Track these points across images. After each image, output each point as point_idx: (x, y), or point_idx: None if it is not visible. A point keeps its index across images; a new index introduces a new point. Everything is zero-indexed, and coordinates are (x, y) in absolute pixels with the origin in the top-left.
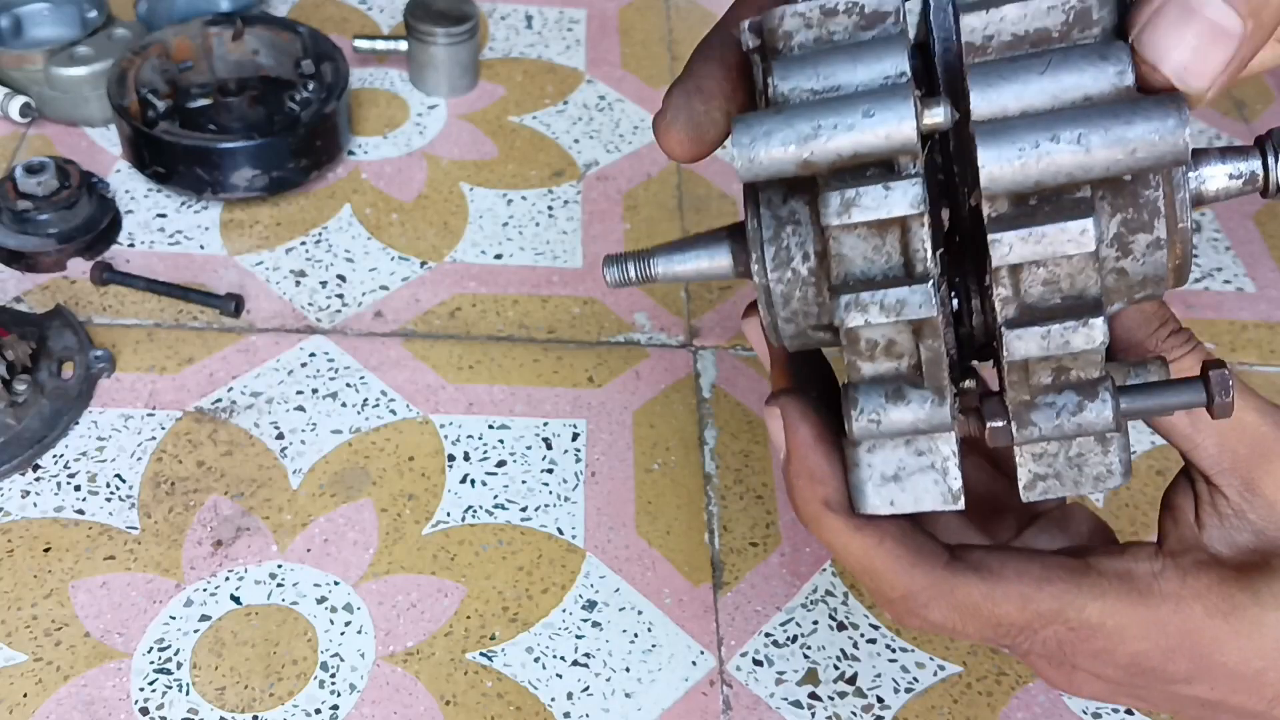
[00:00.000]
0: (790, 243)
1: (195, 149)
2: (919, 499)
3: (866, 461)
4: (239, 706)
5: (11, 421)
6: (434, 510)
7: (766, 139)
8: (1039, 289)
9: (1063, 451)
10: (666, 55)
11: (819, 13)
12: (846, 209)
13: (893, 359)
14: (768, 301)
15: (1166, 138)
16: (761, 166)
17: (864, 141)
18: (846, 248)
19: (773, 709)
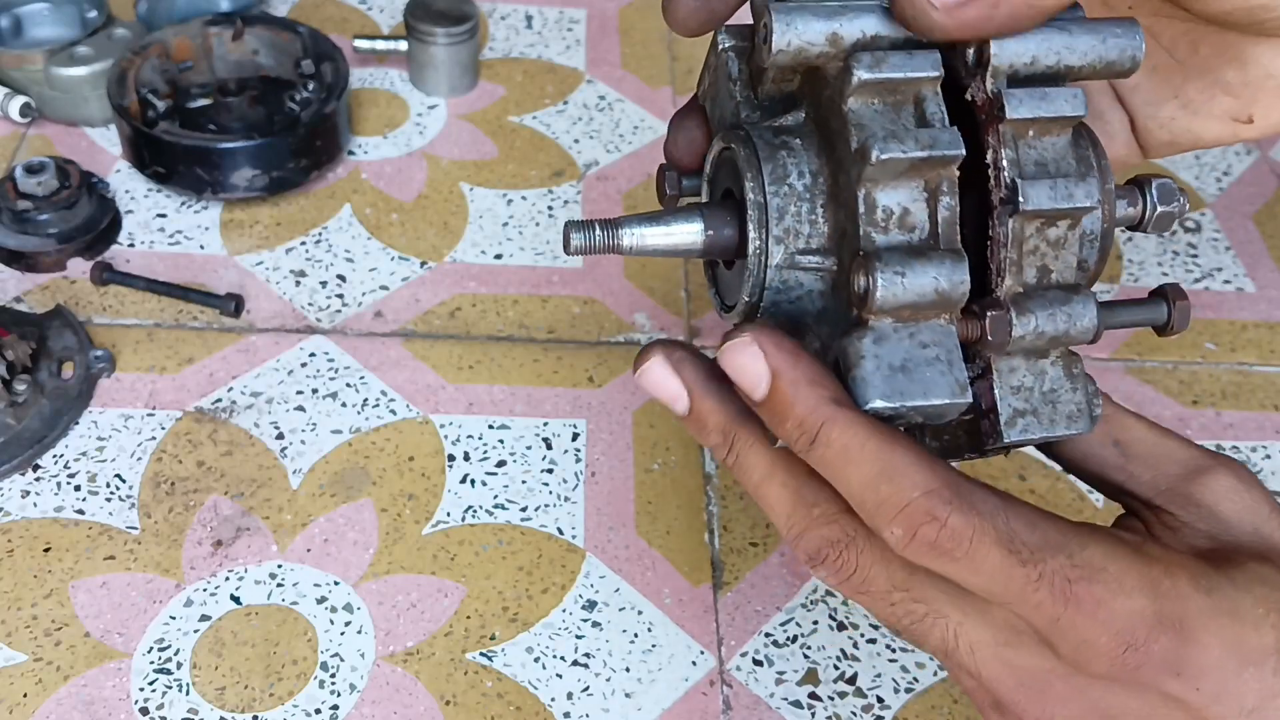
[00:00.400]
0: (786, 162)
1: (195, 149)
2: (928, 390)
3: (874, 353)
4: (239, 706)
5: (11, 421)
6: (434, 510)
7: (802, 11)
8: (1032, 167)
9: (1038, 386)
10: (666, 55)
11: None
12: (877, 64)
13: (906, 231)
14: (762, 220)
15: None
16: (797, 37)
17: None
18: (865, 117)
19: (773, 709)
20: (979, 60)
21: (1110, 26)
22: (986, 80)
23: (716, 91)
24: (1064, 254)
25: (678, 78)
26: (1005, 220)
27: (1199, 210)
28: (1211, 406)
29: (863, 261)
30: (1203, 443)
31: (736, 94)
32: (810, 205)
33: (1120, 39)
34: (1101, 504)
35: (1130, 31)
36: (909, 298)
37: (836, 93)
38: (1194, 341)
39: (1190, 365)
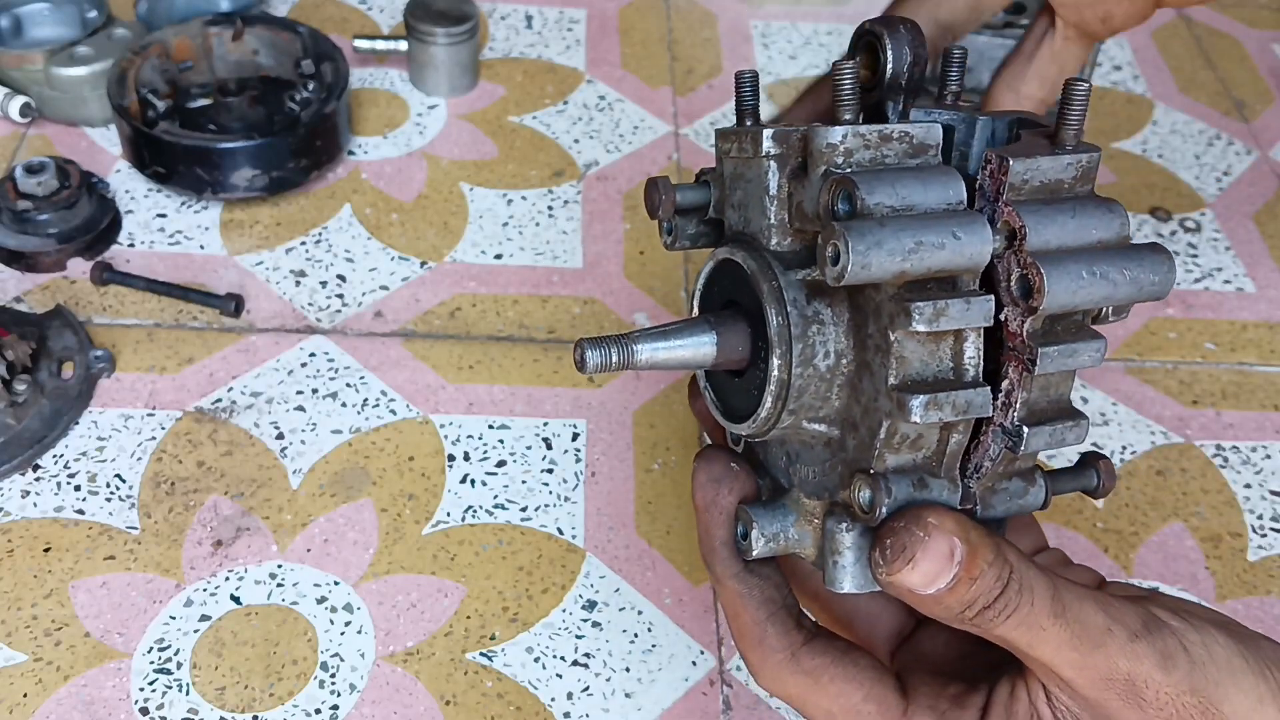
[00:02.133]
0: (815, 341)
1: (195, 149)
2: None
3: (856, 545)
4: (239, 706)
5: (11, 421)
6: (434, 510)
7: (878, 249)
8: (1038, 393)
9: None
10: (666, 55)
11: (877, 137)
12: (936, 317)
13: (914, 451)
14: (781, 395)
15: (1165, 278)
16: (869, 273)
17: (952, 261)
18: (908, 351)
19: (773, 709)
20: (1027, 298)
21: (1148, 267)
22: (1027, 322)
23: (743, 188)
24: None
25: (678, 78)
26: (999, 446)
27: (1199, 210)
28: (1211, 406)
29: (871, 481)
30: (1202, 443)
31: (770, 215)
32: (828, 385)
33: (1155, 284)
34: (1102, 504)
35: (1166, 269)
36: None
37: (886, 315)
38: (1194, 341)
39: (1190, 365)
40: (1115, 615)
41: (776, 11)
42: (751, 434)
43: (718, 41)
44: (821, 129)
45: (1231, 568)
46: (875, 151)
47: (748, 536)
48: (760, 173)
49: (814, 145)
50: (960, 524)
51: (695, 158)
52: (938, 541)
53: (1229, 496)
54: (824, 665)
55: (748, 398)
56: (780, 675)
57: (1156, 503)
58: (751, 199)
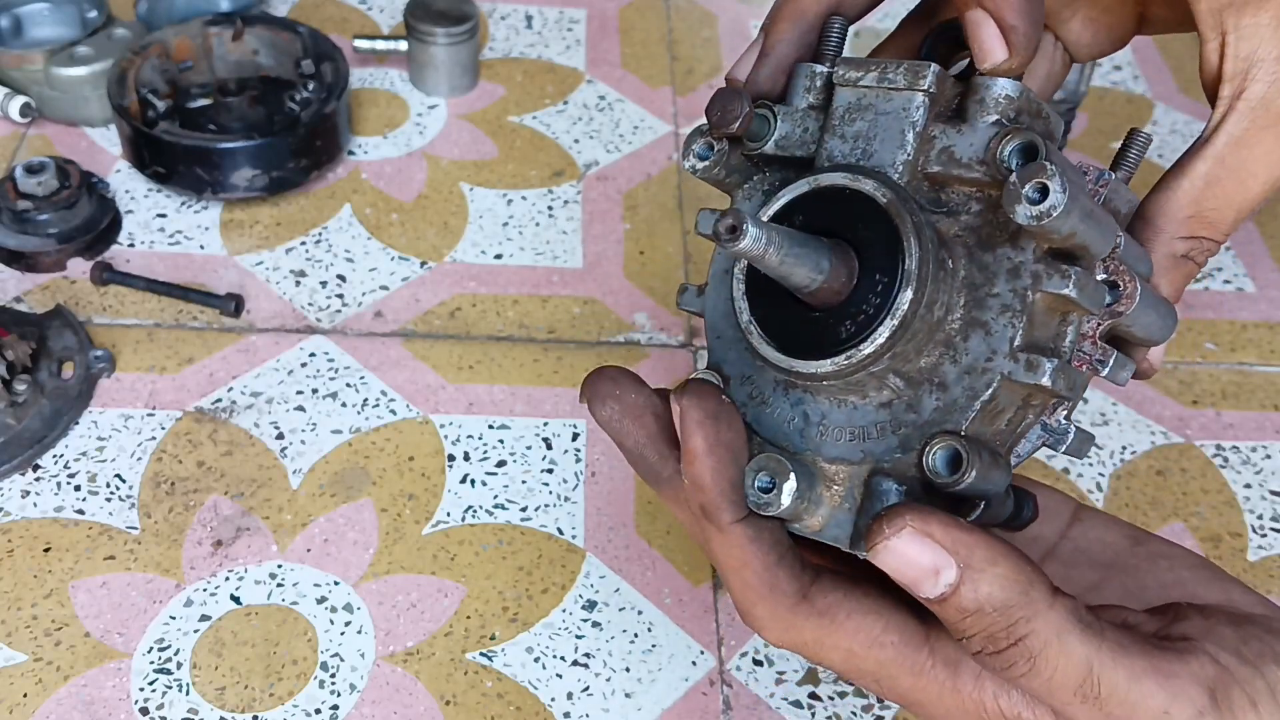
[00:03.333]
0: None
1: (195, 149)
2: None
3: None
4: (239, 706)
5: (11, 421)
6: (434, 510)
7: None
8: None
9: None
10: (666, 55)
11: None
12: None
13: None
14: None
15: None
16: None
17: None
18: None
19: (773, 709)
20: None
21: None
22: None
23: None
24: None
25: (678, 78)
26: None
27: None
28: (1211, 406)
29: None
30: (1202, 443)
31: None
32: (928, 339)
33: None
34: (1102, 504)
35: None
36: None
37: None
38: (1194, 341)
39: (1190, 365)
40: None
41: None
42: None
43: (718, 41)
44: (994, 80)
45: (1231, 568)
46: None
47: (773, 488)
48: (906, 105)
49: (987, 94)
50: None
51: None
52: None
53: (1229, 496)
54: (838, 601)
55: (832, 334)
56: (794, 621)
57: (1156, 503)
58: (883, 131)
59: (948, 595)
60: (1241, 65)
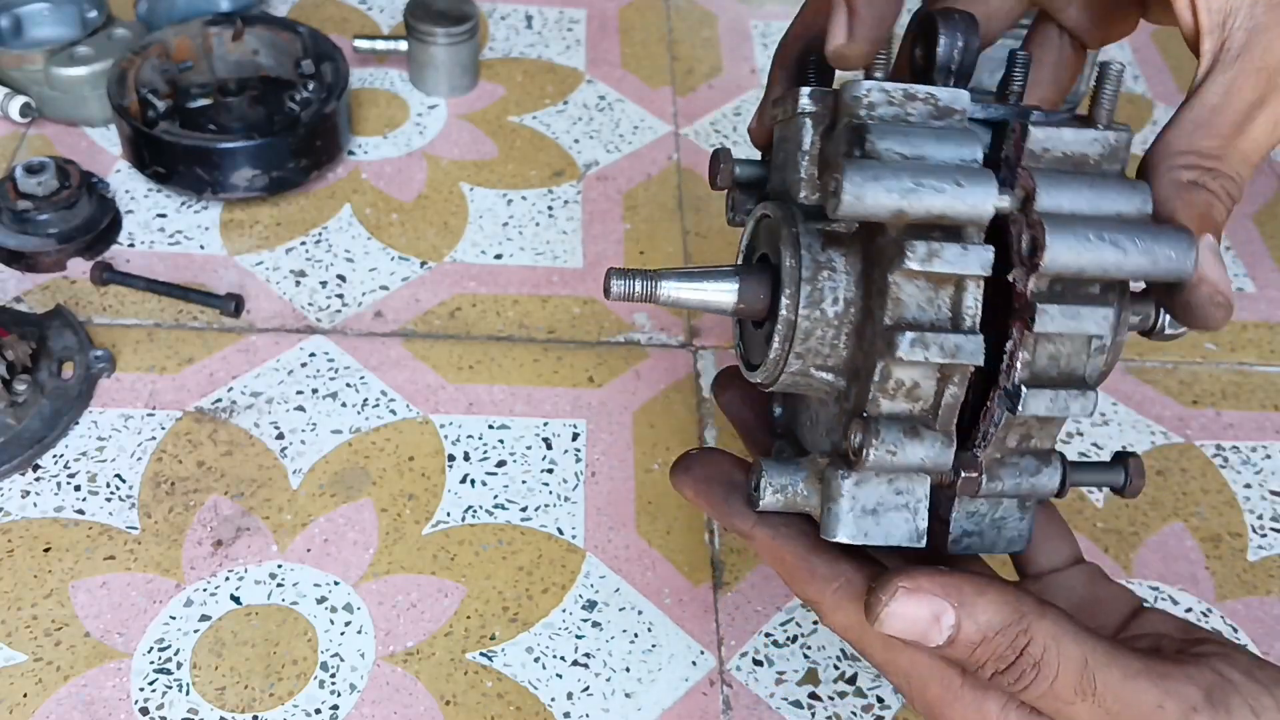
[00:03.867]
0: (824, 286)
1: (195, 149)
2: (889, 534)
3: (851, 494)
4: (239, 706)
5: (11, 421)
6: (434, 510)
7: (875, 183)
8: (1045, 361)
9: (990, 514)
10: (666, 55)
11: (902, 95)
12: (930, 258)
13: (910, 401)
14: (788, 336)
15: (1184, 255)
16: (863, 206)
17: (952, 207)
18: (905, 294)
19: (773, 709)
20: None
21: (1165, 243)
22: (1030, 280)
23: (784, 149)
24: (1049, 428)
25: (678, 78)
26: (1001, 410)
27: None
28: (1211, 406)
29: (862, 424)
30: (1202, 443)
31: (802, 170)
32: (836, 333)
33: (1173, 261)
34: (1102, 504)
35: (1184, 248)
36: (895, 467)
37: (887, 257)
38: (1194, 341)
39: (1190, 365)
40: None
41: (776, 11)
42: (764, 381)
43: (718, 41)
44: (851, 83)
45: (1231, 568)
46: (900, 108)
47: (758, 487)
48: (798, 130)
49: (843, 99)
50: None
51: (695, 157)
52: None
53: (1229, 496)
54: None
55: (764, 348)
56: (841, 604)
57: (1156, 503)
58: (789, 158)
59: (955, 636)
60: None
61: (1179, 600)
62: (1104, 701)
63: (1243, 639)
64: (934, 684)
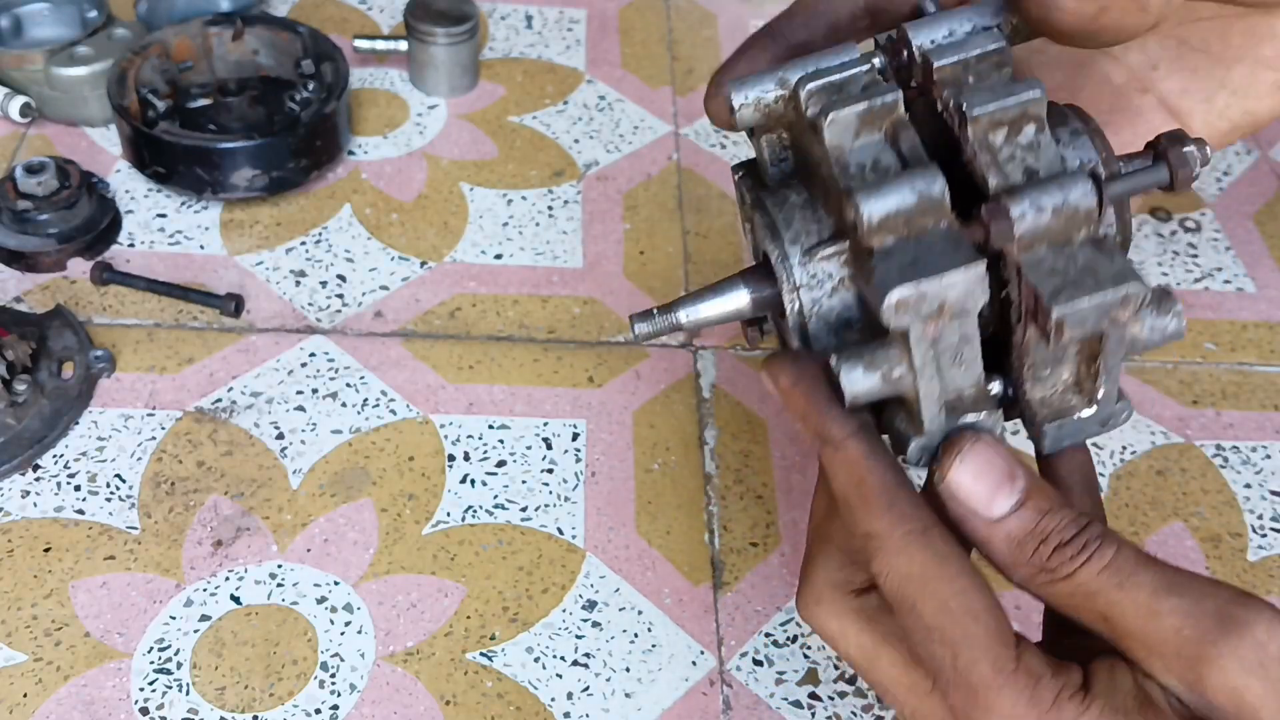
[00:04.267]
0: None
1: (195, 149)
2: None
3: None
4: (239, 706)
5: (11, 421)
6: (434, 510)
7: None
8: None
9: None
10: (666, 55)
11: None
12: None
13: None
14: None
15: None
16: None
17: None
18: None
19: (773, 709)
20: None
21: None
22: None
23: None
24: (1043, 154)
25: (678, 78)
26: (965, 133)
27: (1199, 210)
28: (1211, 406)
29: (843, 195)
30: (1202, 443)
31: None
32: (811, 211)
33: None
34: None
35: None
36: (893, 207)
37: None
38: (1194, 341)
39: (1190, 365)
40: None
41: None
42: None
43: (718, 41)
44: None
45: (1231, 568)
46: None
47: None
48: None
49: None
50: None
51: (695, 157)
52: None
53: (1229, 496)
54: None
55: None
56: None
57: (1156, 503)
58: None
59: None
60: None
61: None
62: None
63: None
64: (984, 662)
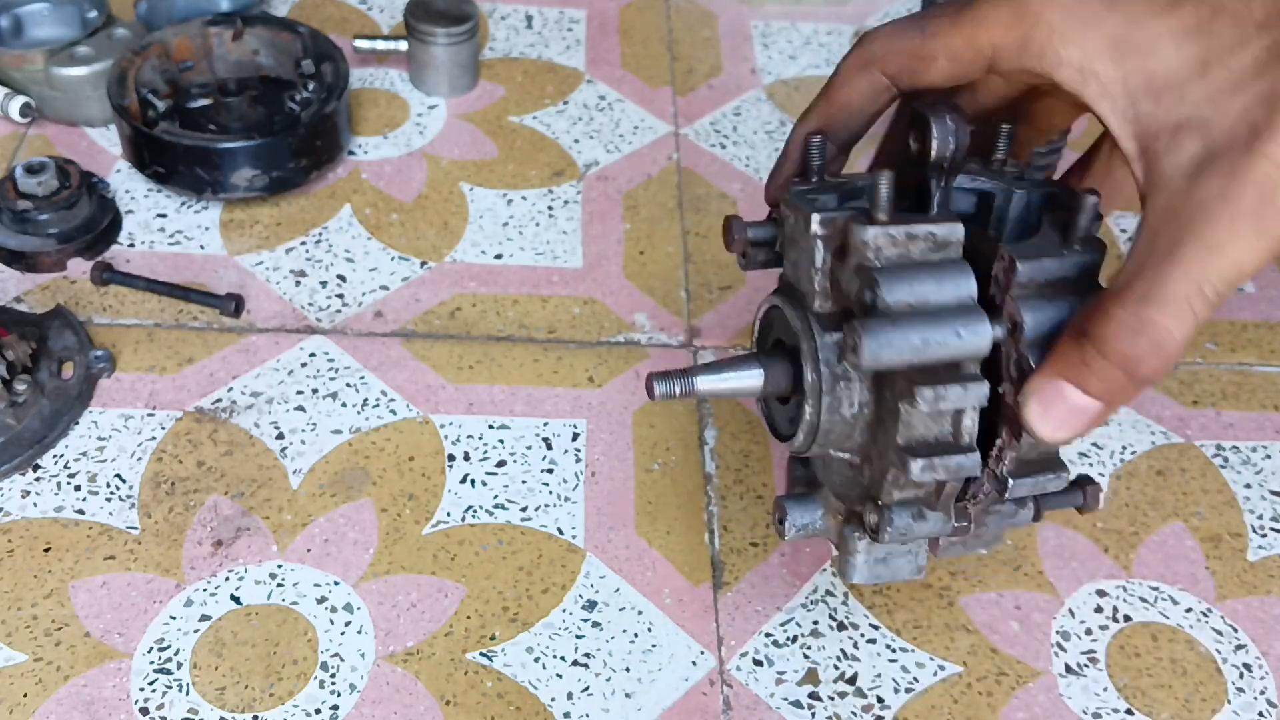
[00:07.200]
0: (842, 397)
1: (195, 149)
2: (895, 573)
3: (865, 550)
4: (239, 706)
5: (11, 421)
6: (434, 510)
7: (889, 347)
8: (1026, 447)
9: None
10: (666, 55)
11: (904, 236)
12: (937, 401)
13: (916, 490)
14: (811, 434)
15: None
16: (880, 363)
17: (955, 353)
18: (914, 420)
19: (773, 709)
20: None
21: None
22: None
23: (797, 254)
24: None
25: (678, 78)
26: (991, 491)
27: None
28: (1211, 406)
29: (876, 510)
30: (1202, 443)
31: (815, 284)
32: (852, 428)
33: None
34: (1102, 504)
35: None
36: (904, 540)
37: (898, 390)
38: (1194, 341)
39: (1190, 365)
40: None
41: (776, 11)
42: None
43: (718, 41)
44: (858, 227)
45: (1231, 568)
46: (902, 249)
47: (784, 522)
48: (810, 247)
49: (852, 239)
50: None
51: (695, 158)
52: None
53: (1229, 496)
54: None
55: (789, 424)
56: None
57: (1156, 503)
58: (801, 264)
59: None
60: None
61: (1179, 600)
62: None
63: (1243, 639)
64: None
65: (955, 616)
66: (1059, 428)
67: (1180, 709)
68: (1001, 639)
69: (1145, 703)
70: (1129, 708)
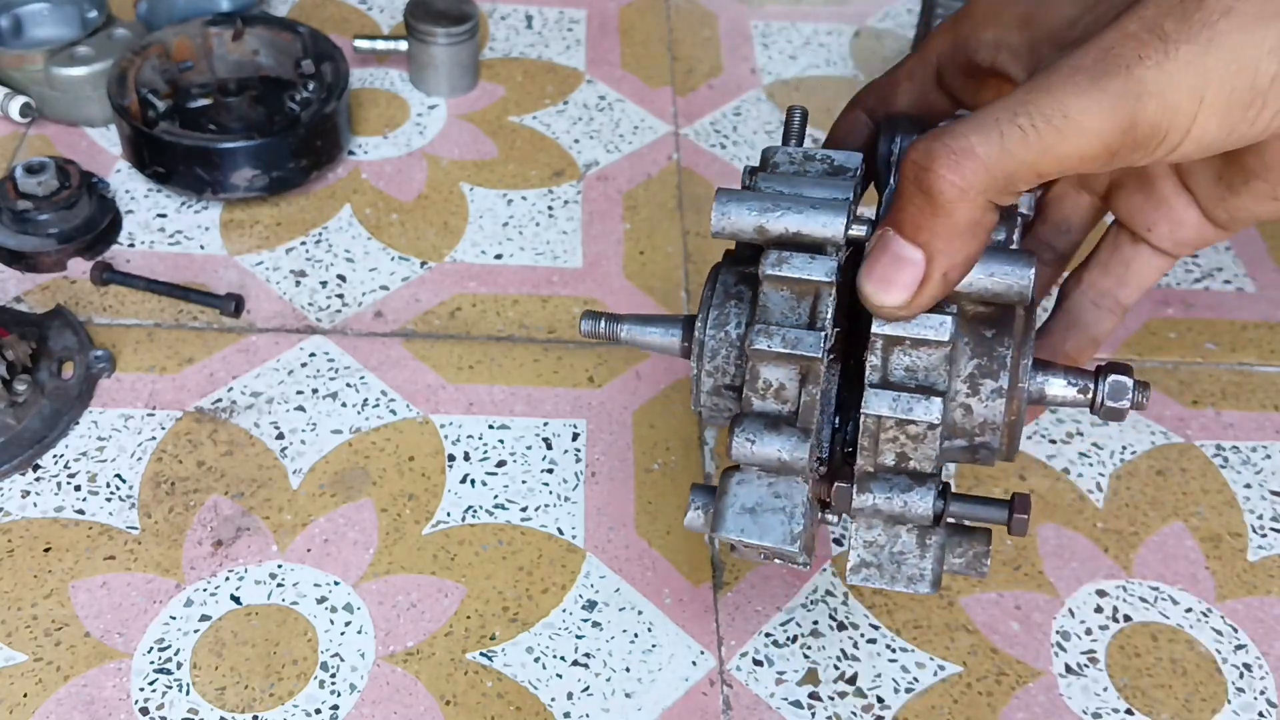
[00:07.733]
0: (730, 311)
1: (195, 149)
2: (764, 534)
3: (735, 492)
4: (239, 706)
5: (11, 421)
6: (434, 510)
7: (738, 204)
8: (901, 372)
9: (888, 546)
10: (666, 55)
11: (801, 155)
12: (780, 264)
13: (779, 402)
14: (699, 354)
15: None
16: (729, 223)
17: (804, 226)
18: (771, 300)
19: (773, 709)
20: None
21: (1002, 262)
22: None
23: None
24: (923, 447)
25: (678, 78)
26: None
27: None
28: (1211, 406)
29: (732, 422)
30: (1202, 443)
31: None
32: (738, 353)
33: (1009, 275)
34: (1102, 504)
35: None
36: (757, 460)
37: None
38: (1194, 341)
39: (1190, 365)
40: None
41: (776, 11)
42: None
43: (718, 41)
44: (767, 148)
45: (1231, 568)
46: (799, 166)
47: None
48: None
49: (764, 159)
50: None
51: (695, 158)
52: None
53: (1229, 496)
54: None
55: None
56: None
57: (1156, 503)
58: None
59: None
60: None
61: (1179, 600)
62: None
63: (1243, 639)
64: None
65: (955, 616)
66: (880, 283)
67: (1180, 709)
68: (1001, 639)
69: (1145, 703)
70: (1129, 708)
